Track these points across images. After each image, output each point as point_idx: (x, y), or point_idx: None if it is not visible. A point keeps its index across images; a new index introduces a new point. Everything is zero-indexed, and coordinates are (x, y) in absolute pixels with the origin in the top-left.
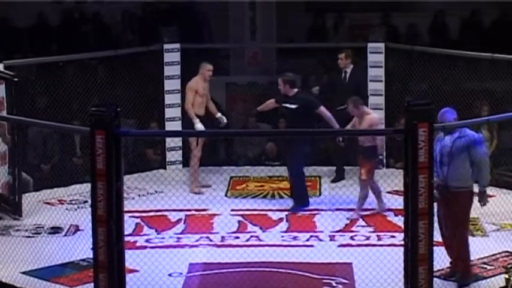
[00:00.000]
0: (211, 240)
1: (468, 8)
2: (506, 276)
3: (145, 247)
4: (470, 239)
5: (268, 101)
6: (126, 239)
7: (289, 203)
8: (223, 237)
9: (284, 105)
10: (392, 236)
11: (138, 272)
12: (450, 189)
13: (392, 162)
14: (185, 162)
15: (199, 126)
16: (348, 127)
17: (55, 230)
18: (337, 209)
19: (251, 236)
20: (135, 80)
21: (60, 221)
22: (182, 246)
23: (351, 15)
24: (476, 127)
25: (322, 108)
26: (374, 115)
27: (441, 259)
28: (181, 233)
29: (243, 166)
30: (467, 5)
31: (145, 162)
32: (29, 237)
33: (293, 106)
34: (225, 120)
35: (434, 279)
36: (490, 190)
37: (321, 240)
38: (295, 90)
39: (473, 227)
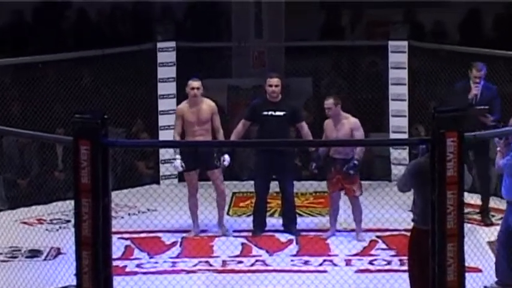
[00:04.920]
0: (211, 265)
1: (501, 2)
2: None
3: (136, 273)
4: None
5: (237, 127)
6: (115, 263)
7: (300, 222)
8: (224, 262)
9: (267, 113)
10: None
11: None
12: None
13: None
14: (181, 176)
15: (177, 163)
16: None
17: (34, 254)
18: (353, 230)
19: (256, 261)
20: (125, 83)
21: (39, 243)
22: (178, 272)
23: (369, 11)
24: None
25: (304, 123)
26: (354, 118)
27: (473, 287)
28: (177, 256)
29: (247, 181)
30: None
31: (137, 176)
32: (4, 261)
33: (280, 113)
34: (227, 162)
35: None
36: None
37: (335, 265)
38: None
39: None
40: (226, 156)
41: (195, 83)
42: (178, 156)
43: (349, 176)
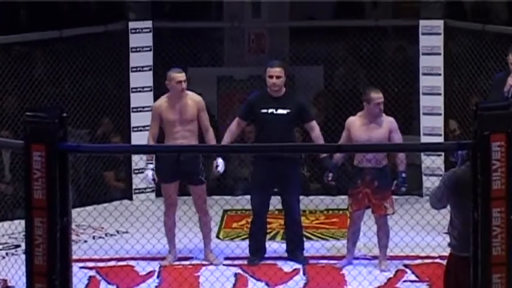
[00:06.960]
0: None
1: None
2: None
3: None
4: None
5: (231, 127)
6: None
7: (308, 247)
8: None
9: (266, 111)
10: None
11: None
12: None
13: None
14: (159, 190)
15: (149, 174)
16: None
17: None
18: (375, 257)
19: None
20: (89, 73)
21: None
22: None
23: None
24: None
25: (315, 123)
26: (389, 117)
27: None
28: None
29: (242, 196)
30: None
31: (104, 190)
32: None
33: (283, 111)
34: (221, 168)
35: None
36: None
37: None
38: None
39: None
40: (220, 161)
41: (180, 76)
42: (150, 166)
43: (381, 190)
